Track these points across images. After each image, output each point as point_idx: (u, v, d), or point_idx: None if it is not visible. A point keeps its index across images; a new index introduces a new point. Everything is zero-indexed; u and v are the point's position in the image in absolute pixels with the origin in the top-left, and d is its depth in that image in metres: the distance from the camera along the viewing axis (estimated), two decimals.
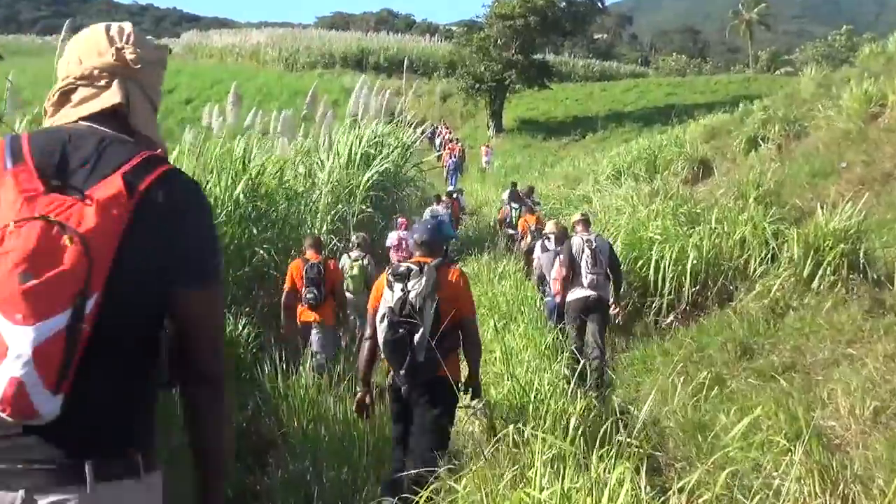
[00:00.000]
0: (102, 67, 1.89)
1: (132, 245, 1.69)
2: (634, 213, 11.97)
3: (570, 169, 25.66)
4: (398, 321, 4.95)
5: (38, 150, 1.76)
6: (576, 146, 37.14)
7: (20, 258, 1.58)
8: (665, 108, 38.65)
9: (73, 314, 1.60)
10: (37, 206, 1.65)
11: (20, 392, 1.56)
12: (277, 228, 10.59)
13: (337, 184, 13.17)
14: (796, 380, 6.54)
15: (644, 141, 22.86)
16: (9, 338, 1.57)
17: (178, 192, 1.80)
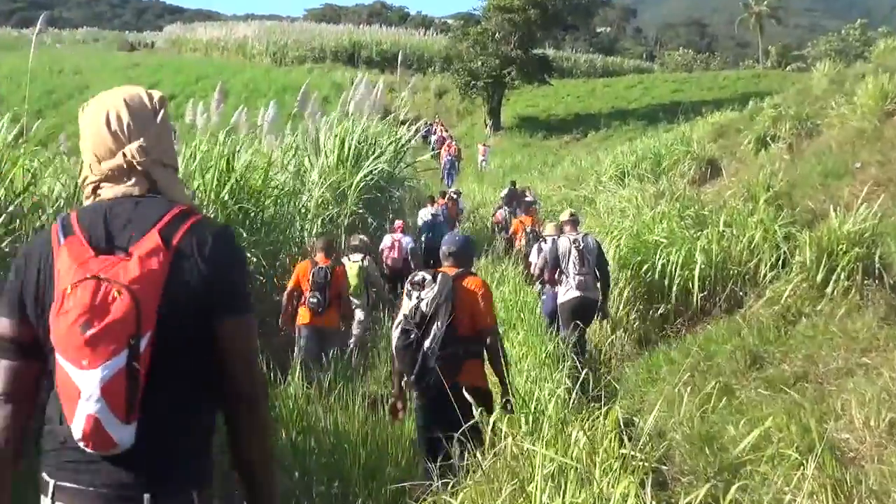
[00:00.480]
0: (118, 168, 2.25)
1: (173, 289, 2.07)
2: (639, 216, 12.00)
3: (572, 169, 25.71)
4: (409, 328, 5.35)
5: (85, 223, 2.17)
6: (577, 145, 37.22)
7: (79, 314, 1.99)
8: (671, 106, 38.73)
9: (130, 354, 1.99)
10: (88, 268, 2.05)
11: (97, 427, 1.98)
12: (265, 231, 10.57)
13: (328, 185, 13.16)
14: (808, 390, 6.55)
15: (649, 140, 22.93)
16: (80, 382, 1.98)
17: (208, 239, 2.17)
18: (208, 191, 9.54)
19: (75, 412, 2.01)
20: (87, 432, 1.99)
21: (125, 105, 2.29)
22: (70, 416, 2.03)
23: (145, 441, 2.03)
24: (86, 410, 1.98)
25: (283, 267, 10.86)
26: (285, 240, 11.25)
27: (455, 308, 5.35)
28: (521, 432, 5.00)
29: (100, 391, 1.97)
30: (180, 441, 2.11)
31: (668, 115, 34.73)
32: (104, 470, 2.06)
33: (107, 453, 2.03)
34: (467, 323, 5.40)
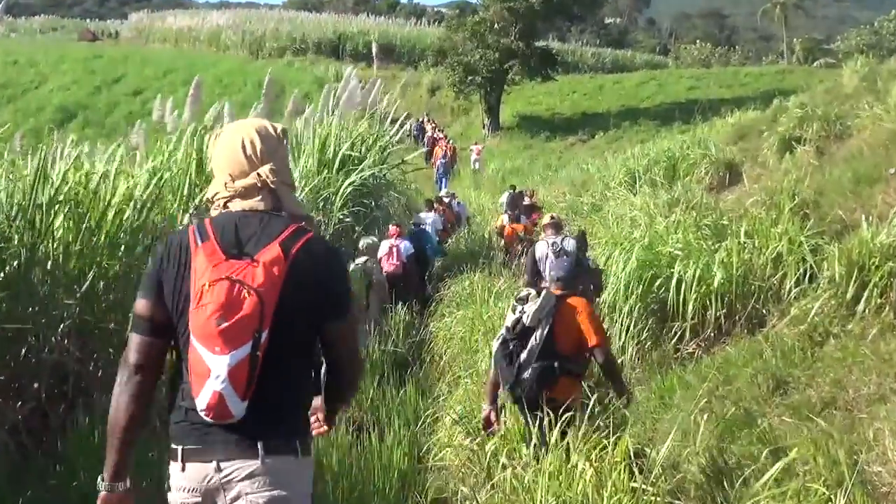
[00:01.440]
0: (251, 186, 2.99)
1: (288, 293, 2.81)
2: (651, 225, 12.01)
3: (577, 173, 25.74)
4: (509, 339, 6.10)
5: (218, 230, 2.91)
6: (584, 147, 37.30)
7: (215, 308, 2.72)
8: (687, 104, 38.84)
9: (253, 344, 2.73)
10: (222, 270, 2.78)
11: (220, 402, 2.74)
12: None
13: (310, 192, 13.09)
14: (837, 418, 6.55)
15: (663, 142, 23.00)
16: (211, 364, 2.72)
17: (319, 254, 2.94)
18: (178, 194, 9.53)
19: (203, 388, 2.76)
20: (212, 405, 2.75)
21: (257, 134, 3.07)
22: (197, 390, 2.78)
23: (254, 412, 2.79)
24: (213, 387, 2.74)
25: None
26: None
27: (555, 324, 6.04)
28: (521, 463, 5.00)
29: (227, 373, 2.72)
30: (286, 407, 2.91)
31: (684, 114, 34.83)
32: (223, 429, 2.82)
33: (222, 422, 2.80)
34: (568, 340, 6.07)
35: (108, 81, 46.30)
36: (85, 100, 42.22)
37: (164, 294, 2.91)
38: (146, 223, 8.41)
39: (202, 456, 2.85)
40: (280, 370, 2.83)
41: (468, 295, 12.40)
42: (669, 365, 9.45)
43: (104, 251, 7.62)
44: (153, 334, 2.92)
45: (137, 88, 44.23)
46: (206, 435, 2.85)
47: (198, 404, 2.78)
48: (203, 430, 2.85)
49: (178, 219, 9.19)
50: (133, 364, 2.93)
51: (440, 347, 11.15)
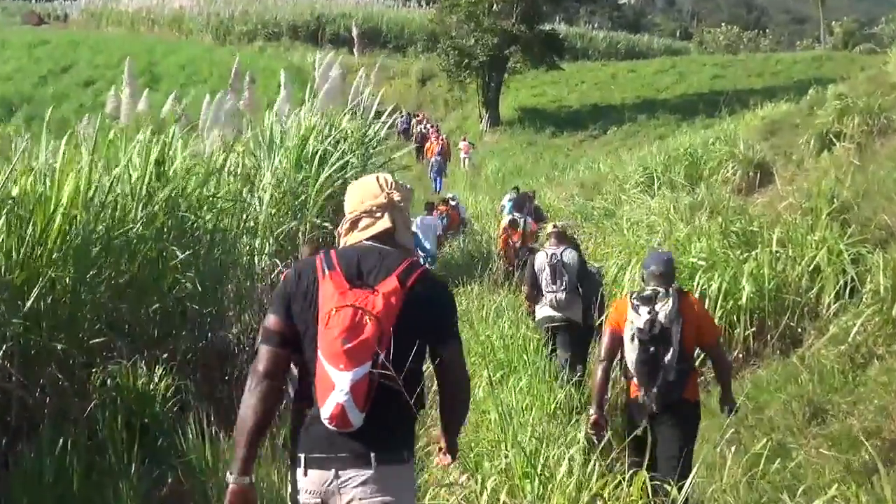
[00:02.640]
0: (378, 205, 3.92)
1: (404, 321, 3.61)
2: (671, 232, 12.04)
3: (588, 173, 25.79)
4: (649, 341, 6.58)
5: (343, 262, 3.74)
6: (595, 144, 37.34)
7: (340, 331, 3.51)
8: (711, 95, 38.91)
9: (372, 364, 3.50)
10: (347, 298, 3.58)
11: (342, 412, 3.50)
12: (204, 250, 10.54)
13: (284, 192, 13.05)
14: (882, 450, 6.56)
15: (684, 137, 23.02)
16: (336, 379, 3.50)
17: (431, 287, 3.80)
18: (136, 198, 9.50)
19: (327, 399, 3.53)
20: (334, 415, 3.51)
21: (390, 175, 4.24)
22: (322, 401, 3.55)
23: (371, 422, 3.55)
24: (336, 399, 3.50)
25: (229, 298, 10.81)
26: (234, 260, 11.13)
27: (684, 323, 6.65)
28: (525, 502, 5.00)
29: (349, 387, 3.50)
30: (396, 421, 3.68)
31: (708, 106, 34.91)
32: (341, 441, 3.59)
33: (343, 430, 3.55)
34: (690, 336, 6.70)
35: (56, 70, 46.24)
36: (29, 91, 42.07)
37: (292, 313, 3.74)
38: (98, 228, 8.39)
39: (323, 464, 3.64)
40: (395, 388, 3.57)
41: (462, 313, 12.41)
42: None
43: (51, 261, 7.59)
44: (280, 346, 3.74)
45: (89, 78, 44.20)
46: (328, 446, 3.63)
47: (322, 413, 3.56)
48: (325, 440, 3.62)
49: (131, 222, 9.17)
50: (262, 371, 3.72)
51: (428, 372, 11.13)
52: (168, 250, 9.63)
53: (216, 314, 10.42)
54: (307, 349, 3.68)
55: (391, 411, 3.63)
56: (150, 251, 9.34)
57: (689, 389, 6.73)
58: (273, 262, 12.07)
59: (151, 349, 8.76)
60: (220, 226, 11.10)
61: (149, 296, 9.30)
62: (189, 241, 10.28)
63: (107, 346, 8.38)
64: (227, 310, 10.69)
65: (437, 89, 48.40)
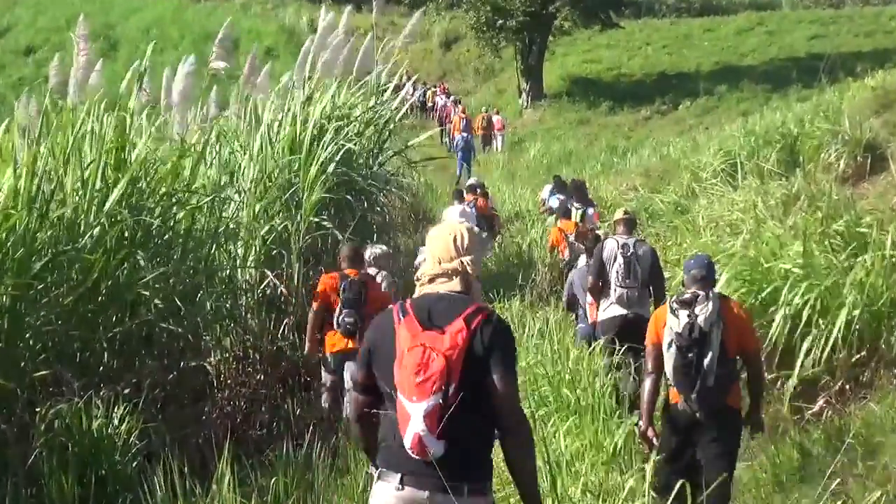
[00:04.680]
0: (452, 269, 5.02)
1: (470, 358, 4.68)
2: (758, 232, 11.99)
3: (654, 159, 25.72)
4: (687, 345, 7.45)
5: (416, 308, 4.90)
6: (663, 122, 37.35)
7: (413, 366, 4.65)
8: (808, 60, 38.89)
9: (442, 396, 4.59)
10: (418, 338, 4.72)
11: (420, 441, 4.60)
12: (175, 258, 10.56)
13: (270, 184, 12.81)
14: None
15: (774, 114, 22.90)
16: (411, 410, 4.63)
17: (494, 328, 4.80)
18: (88, 195, 9.53)
19: (406, 430, 4.65)
20: (414, 444, 4.63)
21: (467, 231, 5.24)
22: (403, 431, 4.68)
23: (450, 450, 4.64)
24: (413, 429, 4.62)
25: (205, 318, 10.81)
26: (204, 271, 11.08)
27: (724, 329, 7.52)
28: None
29: (423, 417, 4.60)
30: (472, 449, 4.80)
31: (804, 74, 34.85)
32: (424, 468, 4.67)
33: (424, 458, 4.64)
34: (732, 342, 7.59)
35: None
36: None
37: (373, 361, 5.01)
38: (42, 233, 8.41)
39: (417, 484, 4.77)
40: (470, 419, 4.70)
41: None
42: (784, 429, 9.42)
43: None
44: (365, 393, 5.11)
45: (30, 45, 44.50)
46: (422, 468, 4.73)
47: (405, 443, 4.69)
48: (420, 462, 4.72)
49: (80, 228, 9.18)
50: (352, 417, 5.36)
51: None
52: (130, 259, 9.62)
53: (190, 339, 10.46)
54: (388, 388, 4.89)
55: (472, 443, 4.83)
56: (107, 261, 9.33)
57: (732, 396, 7.67)
58: (260, 272, 12.03)
59: (109, 383, 8.79)
60: (195, 227, 11.07)
61: (106, 317, 9.32)
62: (156, 248, 10.29)
63: (54, 381, 8.41)
64: (204, 333, 10.73)
65: (463, 55, 48.45)
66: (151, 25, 46.82)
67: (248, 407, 10.87)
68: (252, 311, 11.86)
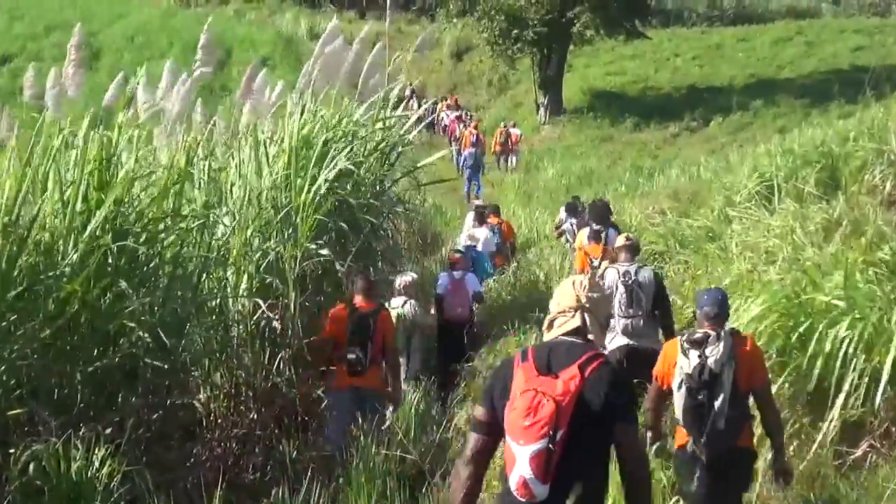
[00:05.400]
0: (571, 306, 5.81)
1: (582, 403, 5.31)
2: (796, 260, 11.98)
3: (683, 181, 25.72)
4: (697, 387, 7.90)
5: (535, 355, 5.62)
6: (692, 139, 37.40)
7: (522, 410, 5.30)
8: (851, 73, 38.92)
9: (549, 440, 5.20)
10: (532, 383, 5.39)
11: (525, 484, 5.24)
12: (161, 289, 10.55)
13: (265, 205, 12.62)
14: None
15: (815, 131, 22.91)
16: (517, 453, 5.28)
17: (608, 376, 5.43)
18: (68, 219, 9.52)
19: (513, 472, 5.23)
20: (519, 486, 5.19)
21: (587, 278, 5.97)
22: (509, 473, 5.26)
23: (554, 494, 5.19)
24: (519, 472, 5.18)
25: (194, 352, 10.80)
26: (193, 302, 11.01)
27: (736, 368, 7.91)
28: None
29: (528, 461, 5.14)
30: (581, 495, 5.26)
31: (847, 88, 34.82)
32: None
33: (530, 501, 5.22)
34: (743, 380, 7.99)
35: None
36: None
37: (494, 403, 5.58)
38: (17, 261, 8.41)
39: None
40: (577, 464, 5.28)
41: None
42: (826, 476, 9.39)
43: None
44: (485, 434, 5.62)
45: (4, 54, 44.62)
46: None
47: (511, 485, 5.28)
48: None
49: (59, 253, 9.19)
50: (467, 456, 5.66)
51: None
52: (113, 288, 9.62)
53: (177, 374, 10.46)
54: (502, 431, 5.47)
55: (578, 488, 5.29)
56: (87, 290, 9.33)
57: (744, 437, 8.11)
58: (254, 302, 11.97)
59: (89, 422, 8.78)
60: (184, 254, 11.03)
61: (86, 350, 9.33)
62: (141, 276, 10.29)
63: (29, 419, 8.42)
64: (192, 368, 10.73)
65: (476, 66, 48.52)
66: (137, 33, 47.00)
67: (241, 448, 10.85)
68: (245, 344, 11.81)
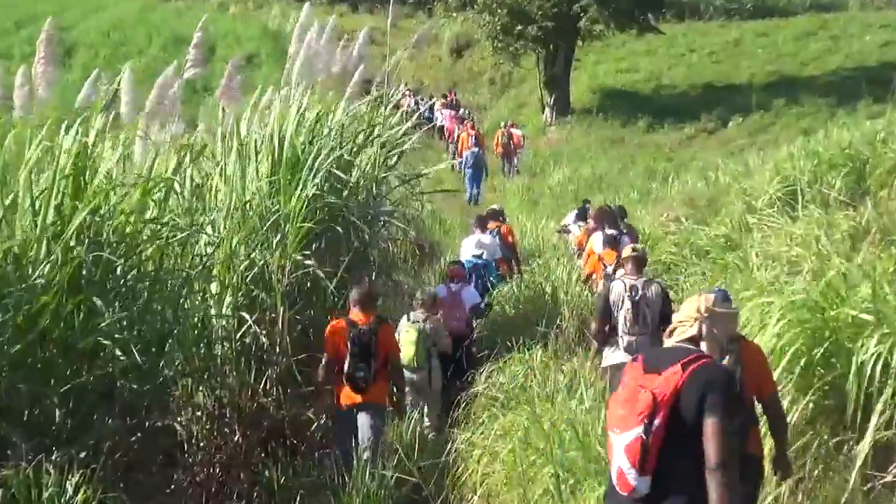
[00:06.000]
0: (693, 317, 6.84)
1: (681, 397, 6.24)
2: (821, 271, 11.98)
3: (700, 185, 25.71)
4: None
5: (646, 357, 6.78)
6: (710, 141, 37.45)
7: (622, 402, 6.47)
8: (879, 70, 38.96)
9: (642, 429, 6.15)
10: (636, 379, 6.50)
11: (622, 475, 6.24)
12: (140, 303, 10.55)
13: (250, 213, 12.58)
14: None
15: (841, 132, 22.91)
16: (614, 442, 6.38)
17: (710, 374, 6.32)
18: (40, 227, 9.52)
19: (611, 463, 6.27)
20: (618, 477, 6.13)
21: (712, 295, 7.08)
22: (610, 465, 6.32)
23: (657, 489, 5.99)
24: (616, 463, 6.16)
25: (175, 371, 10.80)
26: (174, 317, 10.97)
27: (742, 374, 8.29)
28: None
29: (623, 450, 6.08)
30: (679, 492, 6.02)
31: (875, 86, 34.84)
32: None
33: (630, 495, 6.10)
34: (751, 386, 8.47)
35: None
36: None
37: None
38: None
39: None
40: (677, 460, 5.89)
41: (519, 389, 12.36)
42: (852, 501, 9.39)
43: None
44: None
45: None
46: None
47: (612, 478, 6.05)
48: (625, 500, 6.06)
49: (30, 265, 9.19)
50: None
51: (474, 474, 11.11)
52: (87, 302, 9.62)
53: (157, 395, 10.46)
54: None
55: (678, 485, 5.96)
56: (60, 304, 9.34)
57: (751, 443, 8.50)
58: (239, 316, 11.97)
59: (63, 446, 8.80)
60: (164, 267, 11.00)
61: (59, 369, 9.33)
62: (118, 289, 10.29)
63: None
64: (172, 388, 10.73)
65: (477, 63, 48.55)
66: (113, 28, 46.99)
67: (225, 474, 10.88)
68: (229, 362, 11.80)
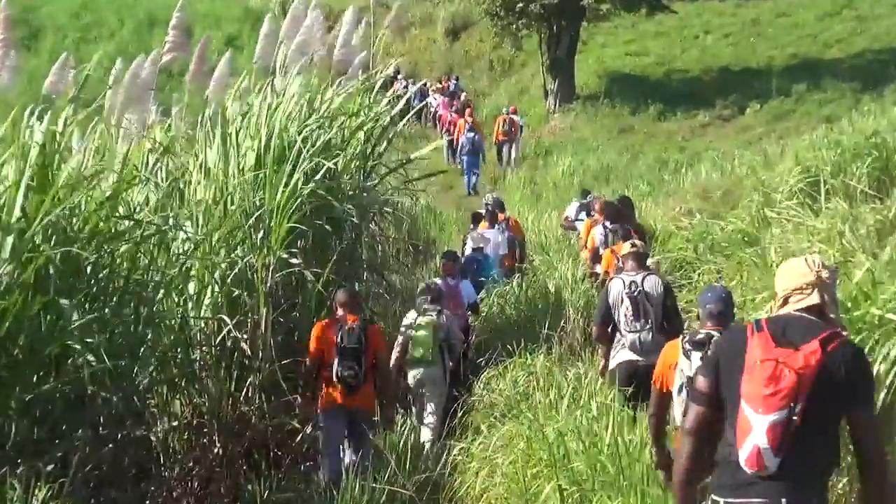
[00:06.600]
0: (808, 283, 6.48)
1: (821, 379, 6.04)
2: (845, 268, 11.96)
3: (715, 176, 25.68)
4: None
5: (771, 326, 6.34)
6: (725, 129, 37.39)
7: (763, 379, 6.11)
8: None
9: (787, 412, 6.01)
10: (771, 353, 6.16)
11: (758, 454, 6.06)
12: (112, 305, 10.52)
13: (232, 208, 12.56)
14: None
15: (866, 120, 22.89)
16: (754, 422, 6.09)
17: (850, 355, 6.27)
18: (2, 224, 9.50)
19: (745, 441, 6.00)
20: (751, 456, 5.96)
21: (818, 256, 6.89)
22: (740, 443, 6.02)
23: (785, 468, 5.92)
24: (754, 441, 5.95)
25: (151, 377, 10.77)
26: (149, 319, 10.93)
27: None
28: None
29: (765, 430, 5.92)
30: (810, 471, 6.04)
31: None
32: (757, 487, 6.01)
33: (758, 473, 5.96)
34: None
35: None
36: None
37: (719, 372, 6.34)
38: None
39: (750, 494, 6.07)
40: (809, 441, 5.92)
41: (520, 397, 12.33)
42: None
43: None
44: (707, 406, 6.37)
45: None
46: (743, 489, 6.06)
47: (740, 455, 5.99)
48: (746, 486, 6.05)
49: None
50: (688, 429, 6.45)
51: (472, 488, 11.09)
52: (54, 304, 9.59)
53: (130, 403, 10.44)
54: (730, 400, 6.21)
55: (807, 465, 6.00)
56: (25, 305, 9.30)
57: None
58: (219, 319, 11.96)
59: (29, 459, 8.78)
60: (138, 265, 10.97)
61: (25, 375, 9.31)
62: (88, 290, 10.26)
63: None
64: (148, 396, 10.71)
65: (476, 46, 48.54)
66: (82, 9, 46.97)
67: (203, 488, 10.87)
68: (208, 368, 11.78)
